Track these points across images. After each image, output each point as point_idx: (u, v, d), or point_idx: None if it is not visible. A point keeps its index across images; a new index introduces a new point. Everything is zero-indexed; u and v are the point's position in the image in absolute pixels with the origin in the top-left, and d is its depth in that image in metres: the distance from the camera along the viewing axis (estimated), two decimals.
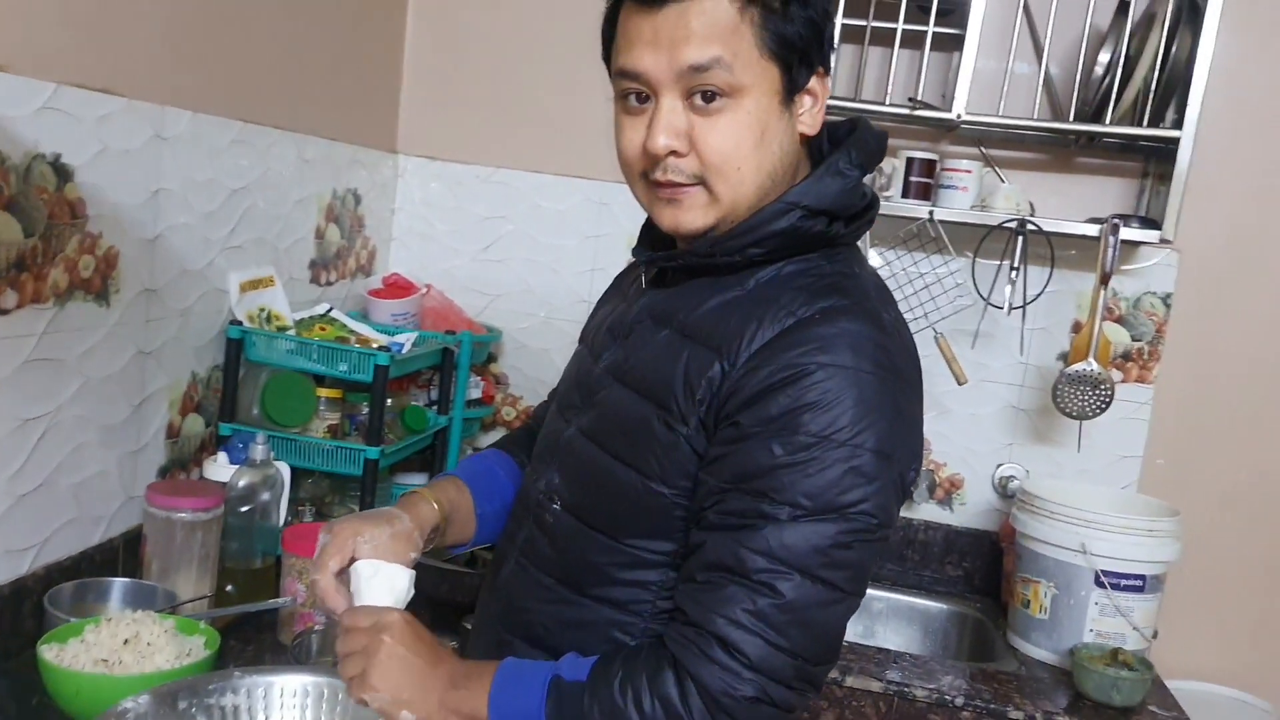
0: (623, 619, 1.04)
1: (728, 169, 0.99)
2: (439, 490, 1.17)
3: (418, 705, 0.98)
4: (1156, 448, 2.27)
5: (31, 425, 1.42)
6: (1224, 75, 2.09)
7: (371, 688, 0.98)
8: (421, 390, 2.28)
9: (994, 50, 2.17)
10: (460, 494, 1.20)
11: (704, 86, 0.97)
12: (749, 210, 1.02)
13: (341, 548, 1.04)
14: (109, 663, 1.27)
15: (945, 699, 1.77)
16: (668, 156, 0.99)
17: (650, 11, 0.97)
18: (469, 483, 1.22)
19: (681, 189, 1.01)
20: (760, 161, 1.00)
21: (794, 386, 0.93)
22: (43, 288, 1.40)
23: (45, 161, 1.37)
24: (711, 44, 0.96)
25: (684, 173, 1.00)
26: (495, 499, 1.23)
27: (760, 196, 1.01)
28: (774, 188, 1.02)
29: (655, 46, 0.97)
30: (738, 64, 0.96)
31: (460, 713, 0.98)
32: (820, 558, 0.93)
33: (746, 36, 0.96)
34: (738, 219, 1.02)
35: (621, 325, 1.12)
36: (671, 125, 0.98)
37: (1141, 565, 1.92)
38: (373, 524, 1.07)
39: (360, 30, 2.24)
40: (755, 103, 0.98)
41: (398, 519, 1.09)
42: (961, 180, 2.13)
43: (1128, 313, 2.25)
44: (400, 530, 1.08)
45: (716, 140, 0.98)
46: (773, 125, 0.99)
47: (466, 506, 1.20)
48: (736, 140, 0.98)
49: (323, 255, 2.17)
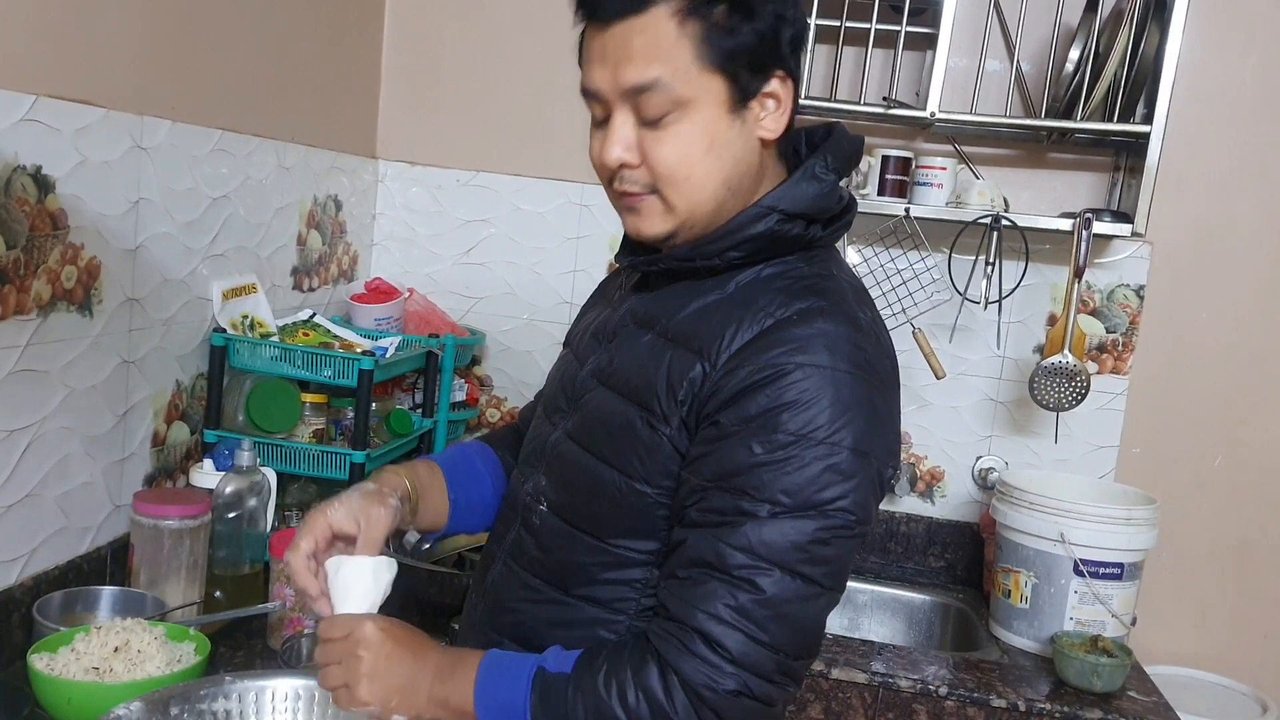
0: (608, 617, 1.06)
1: (677, 179, 1.01)
2: (408, 468, 1.19)
3: (406, 705, 1.00)
4: (1132, 437, 2.31)
5: (17, 436, 1.43)
6: (1191, 70, 2.13)
7: (360, 701, 1.00)
8: (406, 394, 2.29)
9: (966, 49, 2.20)
10: (432, 476, 1.21)
11: (645, 105, 1.00)
12: (709, 216, 1.04)
13: (313, 527, 1.06)
14: (100, 671, 1.28)
15: (930, 689, 1.79)
16: (621, 168, 1.03)
17: (600, 30, 1.00)
18: (444, 468, 1.24)
19: (638, 198, 1.04)
20: (710, 170, 1.02)
21: (772, 386, 0.95)
22: (25, 299, 1.41)
23: (26, 173, 1.38)
24: (651, 64, 0.98)
25: (638, 183, 1.03)
26: (472, 489, 1.25)
27: (718, 203, 1.03)
28: (734, 193, 1.04)
29: (604, 65, 1.00)
30: (678, 81, 0.98)
31: (447, 705, 1.00)
32: (799, 554, 0.95)
33: (687, 51, 0.98)
34: (698, 225, 1.04)
35: (606, 329, 1.14)
36: (622, 139, 1.01)
37: (1119, 553, 1.95)
38: (340, 497, 1.09)
39: (338, 37, 2.24)
40: (701, 114, 1.00)
41: (363, 485, 1.11)
42: (936, 177, 2.16)
43: (1101, 305, 2.29)
44: (367, 491, 1.10)
45: (664, 153, 1.01)
46: (721, 135, 1.01)
47: (439, 489, 1.21)
48: (683, 152, 1.00)
49: (305, 262, 2.18)
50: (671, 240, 1.06)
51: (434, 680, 1.01)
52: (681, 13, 0.97)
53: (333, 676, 1.02)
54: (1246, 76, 2.20)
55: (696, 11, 0.97)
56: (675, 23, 0.97)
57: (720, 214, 1.04)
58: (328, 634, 1.03)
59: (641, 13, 0.98)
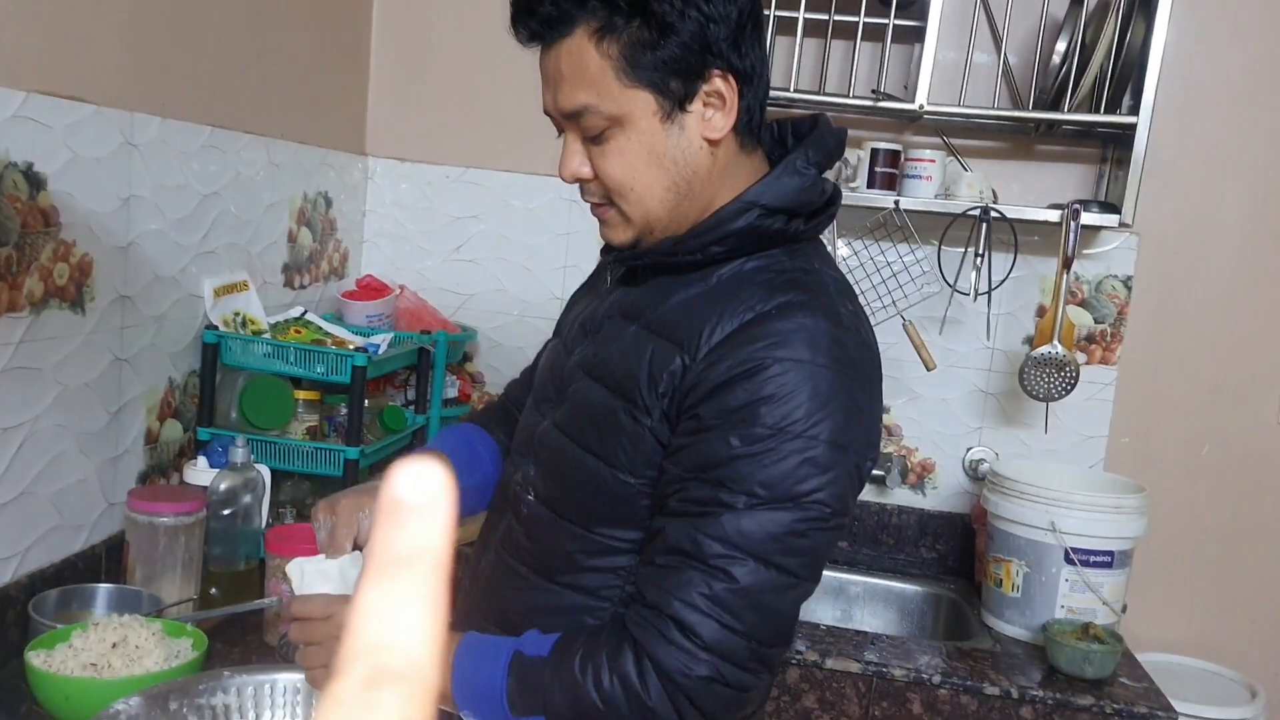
0: (593, 604, 1.08)
1: (625, 191, 1.04)
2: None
3: None
4: (1121, 426, 2.32)
5: (10, 434, 1.42)
6: (1177, 61, 2.15)
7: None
8: (398, 391, 2.29)
9: (954, 41, 2.21)
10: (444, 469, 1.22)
11: (583, 127, 1.02)
12: (666, 221, 1.06)
13: (351, 525, 1.07)
14: (98, 667, 1.28)
15: (923, 678, 1.81)
16: (580, 183, 1.06)
17: (542, 53, 1.04)
18: (451, 457, 1.25)
19: (601, 209, 1.08)
20: (655, 179, 1.03)
21: (752, 380, 0.97)
22: (18, 297, 1.40)
23: (17, 170, 1.38)
24: (578, 90, 1.00)
25: (595, 195, 1.07)
26: (475, 473, 1.26)
27: (670, 208, 1.05)
28: (685, 196, 1.05)
29: (546, 88, 1.05)
30: (606, 101, 1.00)
31: None
32: (775, 545, 0.96)
33: (608, 72, 0.99)
34: (659, 229, 1.06)
35: (593, 321, 1.15)
36: (574, 155, 1.05)
37: (1109, 541, 1.96)
38: (370, 497, 1.11)
39: (326, 33, 2.24)
40: (636, 128, 1.01)
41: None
42: (925, 170, 2.17)
43: (1090, 296, 2.30)
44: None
45: (608, 168, 1.03)
46: (660, 143, 1.02)
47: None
48: (625, 165, 1.03)
49: (295, 259, 2.17)
50: (639, 245, 1.08)
51: None
52: (598, 34, 0.99)
53: (313, 656, 1.03)
54: (1232, 67, 2.22)
55: (611, 31, 0.98)
56: (593, 44, 0.99)
57: (679, 216, 1.06)
58: (305, 613, 1.04)
59: (566, 36, 1.00)
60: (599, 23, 0.98)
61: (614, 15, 0.98)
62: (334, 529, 1.09)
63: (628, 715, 0.96)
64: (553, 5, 0.99)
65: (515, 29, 1.04)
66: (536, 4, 1.00)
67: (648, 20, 0.97)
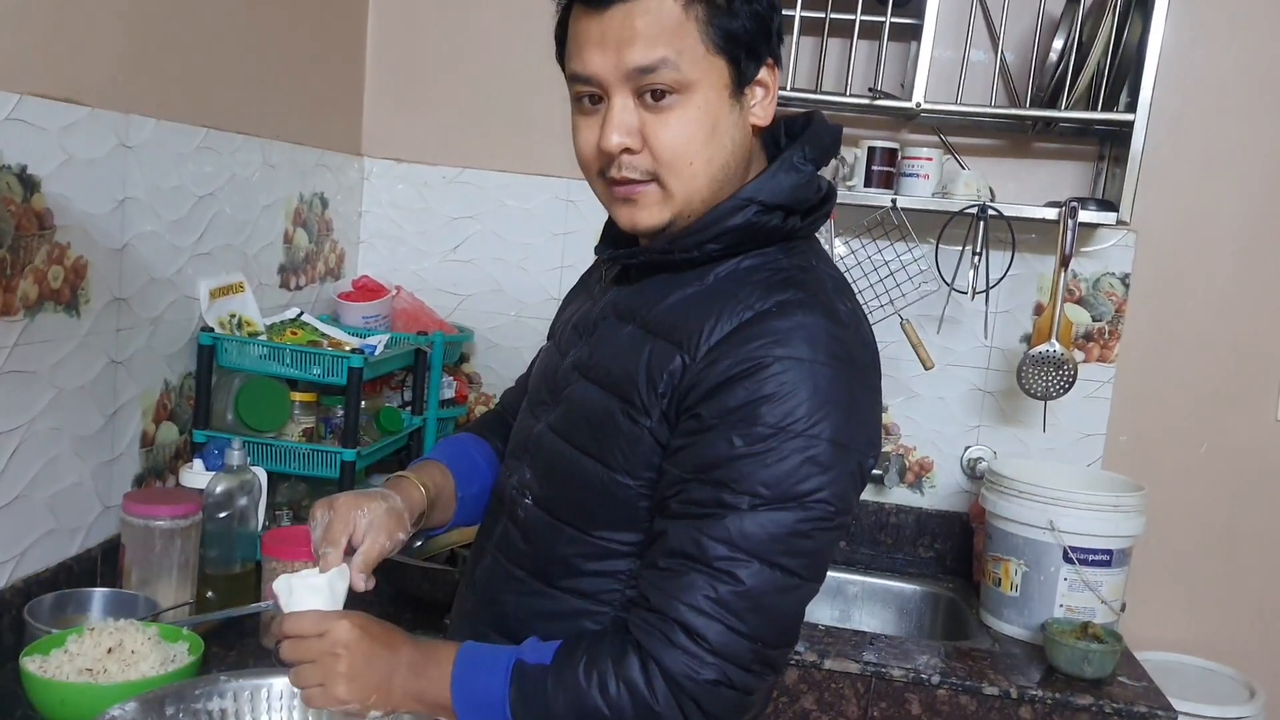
0: (592, 609, 1.07)
1: (680, 164, 1.01)
2: (425, 474, 1.20)
3: (383, 700, 1.01)
4: (1119, 425, 2.32)
5: (6, 438, 1.42)
6: (1174, 59, 2.15)
7: (337, 700, 1.00)
8: (394, 391, 2.28)
9: (950, 39, 2.20)
10: (444, 479, 1.22)
11: (653, 85, 0.99)
12: (703, 204, 1.04)
13: (347, 522, 1.06)
14: (93, 672, 1.27)
15: (922, 678, 1.80)
16: (622, 154, 1.01)
17: (597, 13, 0.99)
18: (451, 467, 1.24)
19: (636, 186, 1.03)
20: (712, 155, 1.02)
21: (751, 379, 0.96)
22: (12, 299, 1.40)
23: (11, 173, 1.37)
24: (657, 45, 0.97)
25: (638, 169, 1.02)
26: (474, 483, 1.26)
27: (714, 190, 1.03)
28: (727, 181, 1.04)
29: (603, 48, 0.99)
30: (684, 61, 0.98)
31: (423, 700, 1.01)
32: (779, 545, 0.95)
33: (692, 33, 0.98)
34: (693, 213, 1.04)
35: (587, 322, 1.14)
36: (624, 124, 1.00)
37: (1108, 540, 1.96)
38: (370, 499, 1.10)
39: (322, 33, 2.23)
40: (705, 97, 1.00)
41: (390, 498, 1.12)
42: (922, 168, 2.16)
43: (1088, 294, 2.30)
44: (394, 508, 1.11)
45: (668, 136, 1.00)
46: (724, 119, 1.01)
47: (449, 490, 1.22)
48: (688, 135, 1.00)
49: (291, 260, 2.17)
50: (669, 229, 1.05)
51: (407, 675, 1.01)
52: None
53: (306, 675, 1.01)
54: (1229, 65, 2.21)
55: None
56: (681, 4, 0.98)
57: (714, 200, 1.04)
58: (297, 630, 1.02)
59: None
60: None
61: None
62: (329, 524, 1.08)
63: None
64: None
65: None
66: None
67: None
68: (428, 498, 1.17)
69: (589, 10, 1.00)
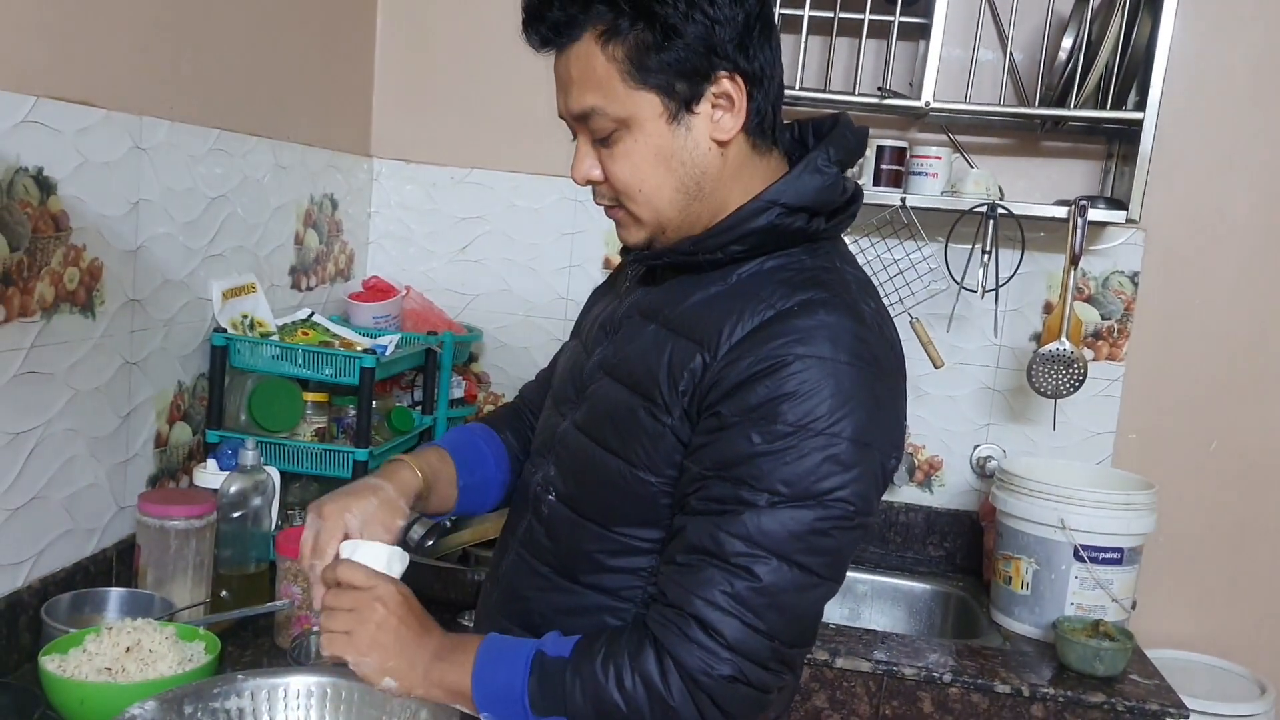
0: (615, 605, 1.08)
1: (634, 194, 1.05)
2: (421, 458, 1.20)
3: (402, 675, 1.01)
4: (1128, 423, 2.32)
5: (22, 439, 1.42)
6: (1183, 57, 2.15)
7: (359, 651, 1.01)
8: (404, 391, 2.29)
9: (959, 39, 2.21)
10: (443, 463, 1.23)
11: (593, 131, 1.03)
12: (678, 221, 1.06)
13: (335, 530, 1.07)
14: (112, 671, 1.28)
15: (934, 676, 1.80)
16: (591, 185, 1.07)
17: (555, 57, 1.05)
18: (452, 453, 1.25)
19: (613, 210, 1.09)
20: (663, 180, 1.04)
21: (773, 377, 0.96)
22: (29, 301, 1.40)
23: (28, 175, 1.38)
24: (586, 93, 1.01)
25: (606, 197, 1.08)
26: (476, 471, 1.26)
27: (680, 209, 1.05)
28: (696, 197, 1.05)
29: (559, 91, 1.06)
30: (612, 104, 1.01)
31: (444, 685, 1.02)
32: (797, 543, 0.96)
33: (614, 74, 1.00)
34: (671, 230, 1.07)
35: (612, 321, 1.15)
36: (584, 160, 1.06)
37: (1119, 538, 1.96)
38: (358, 498, 1.10)
39: (331, 35, 2.24)
40: (643, 130, 1.02)
41: (380, 489, 1.12)
42: (931, 167, 2.17)
43: (1096, 292, 2.30)
44: (385, 499, 1.11)
45: (616, 170, 1.04)
46: (667, 144, 1.02)
47: (449, 476, 1.23)
48: (632, 167, 1.03)
49: (302, 261, 2.17)
50: (652, 246, 1.09)
51: (432, 660, 1.02)
52: (603, 37, 0.99)
53: (339, 621, 1.02)
54: (1238, 63, 2.21)
55: (616, 35, 0.99)
56: (599, 47, 1.00)
57: (690, 217, 1.06)
58: (347, 578, 1.03)
59: (575, 41, 1.01)
60: (604, 26, 0.99)
61: (618, 19, 0.98)
62: (317, 535, 1.08)
63: (649, 715, 0.96)
64: (560, 10, 1.00)
65: (526, 35, 1.04)
66: (545, 9, 1.01)
67: (651, 23, 0.98)
68: (424, 479, 1.17)
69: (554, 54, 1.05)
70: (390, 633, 1.01)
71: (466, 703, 1.01)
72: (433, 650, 1.02)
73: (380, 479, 1.14)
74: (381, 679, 1.02)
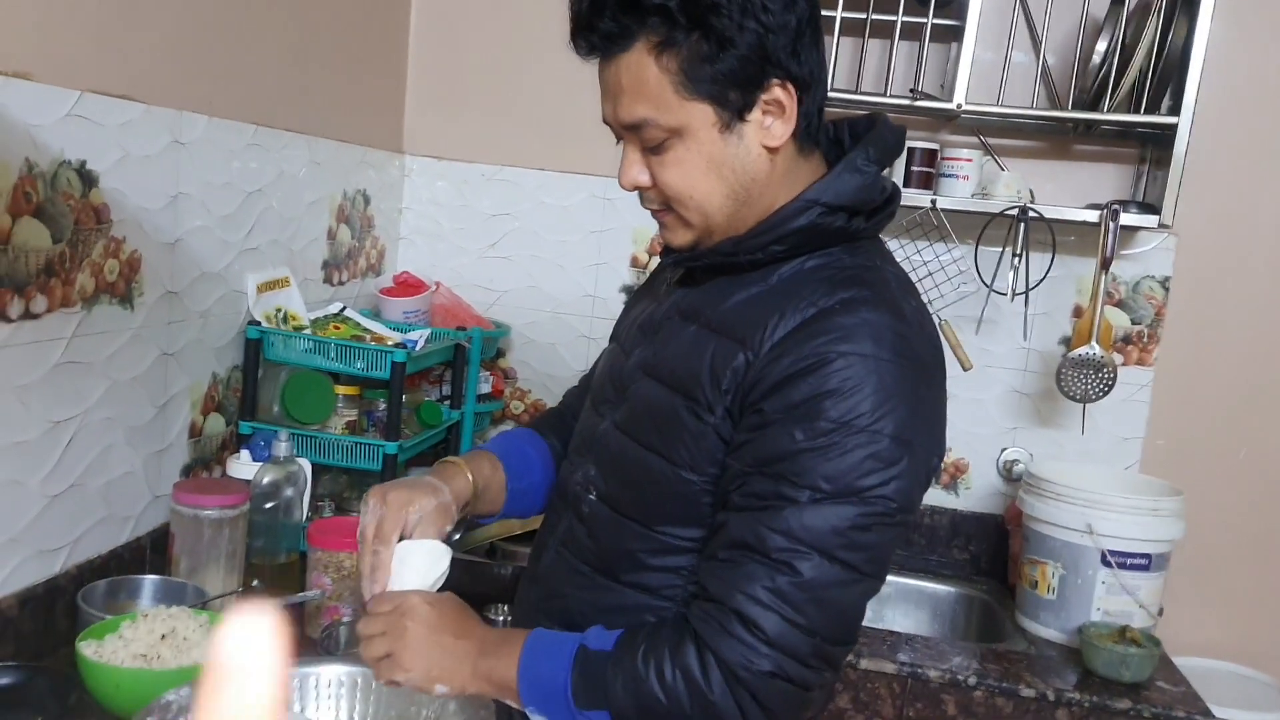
0: (655, 604, 1.08)
1: (684, 199, 1.05)
2: (474, 465, 1.22)
3: (450, 678, 1.04)
4: (1157, 429, 2.31)
5: (62, 427, 1.45)
6: (1219, 61, 2.13)
7: (403, 669, 1.03)
8: (433, 386, 2.31)
9: (992, 41, 2.20)
10: (494, 470, 1.25)
11: (643, 140, 1.04)
12: (725, 226, 1.07)
13: (399, 518, 1.09)
14: (147, 657, 1.30)
15: (958, 679, 1.80)
16: (639, 190, 1.08)
17: (601, 64, 1.04)
18: (503, 460, 1.26)
19: (659, 213, 1.09)
20: (713, 188, 1.04)
21: (815, 374, 0.97)
22: (70, 292, 1.43)
23: (71, 168, 1.40)
24: (637, 103, 1.01)
25: (655, 201, 1.08)
26: (525, 477, 1.28)
27: (730, 213, 1.06)
28: (744, 203, 1.06)
29: (605, 99, 1.06)
30: (665, 114, 1.01)
31: (491, 680, 1.04)
32: (839, 539, 0.96)
33: (666, 86, 1.00)
34: (718, 233, 1.07)
35: (651, 323, 1.16)
36: (631, 167, 1.06)
37: (1147, 544, 1.95)
38: (422, 494, 1.12)
39: (366, 33, 2.26)
40: (695, 139, 1.02)
41: (440, 491, 1.14)
42: (962, 169, 2.16)
43: (1127, 297, 2.29)
44: (443, 503, 1.13)
45: (668, 178, 1.05)
46: (719, 153, 1.03)
47: (499, 482, 1.25)
48: (683, 175, 1.04)
49: (335, 255, 2.20)
50: (698, 247, 1.10)
51: (478, 655, 1.04)
52: (657, 48, 0.99)
53: (376, 647, 1.05)
54: (1274, 68, 2.20)
55: (671, 45, 0.99)
56: (652, 58, 1.00)
57: (738, 221, 1.07)
58: (376, 607, 1.07)
59: (626, 50, 1.00)
60: (658, 38, 0.99)
61: (673, 30, 0.98)
62: (382, 520, 1.10)
63: (689, 709, 0.96)
64: (613, 20, 0.99)
65: (575, 43, 1.04)
66: (597, 19, 1.00)
67: (706, 34, 0.98)
68: (474, 487, 1.19)
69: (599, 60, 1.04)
70: (425, 643, 1.03)
71: (513, 696, 1.03)
72: (477, 647, 1.04)
73: (440, 481, 1.16)
74: (433, 686, 1.04)
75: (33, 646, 1.42)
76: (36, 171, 1.34)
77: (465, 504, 1.18)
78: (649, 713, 0.97)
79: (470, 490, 1.19)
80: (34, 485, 1.41)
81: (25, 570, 1.42)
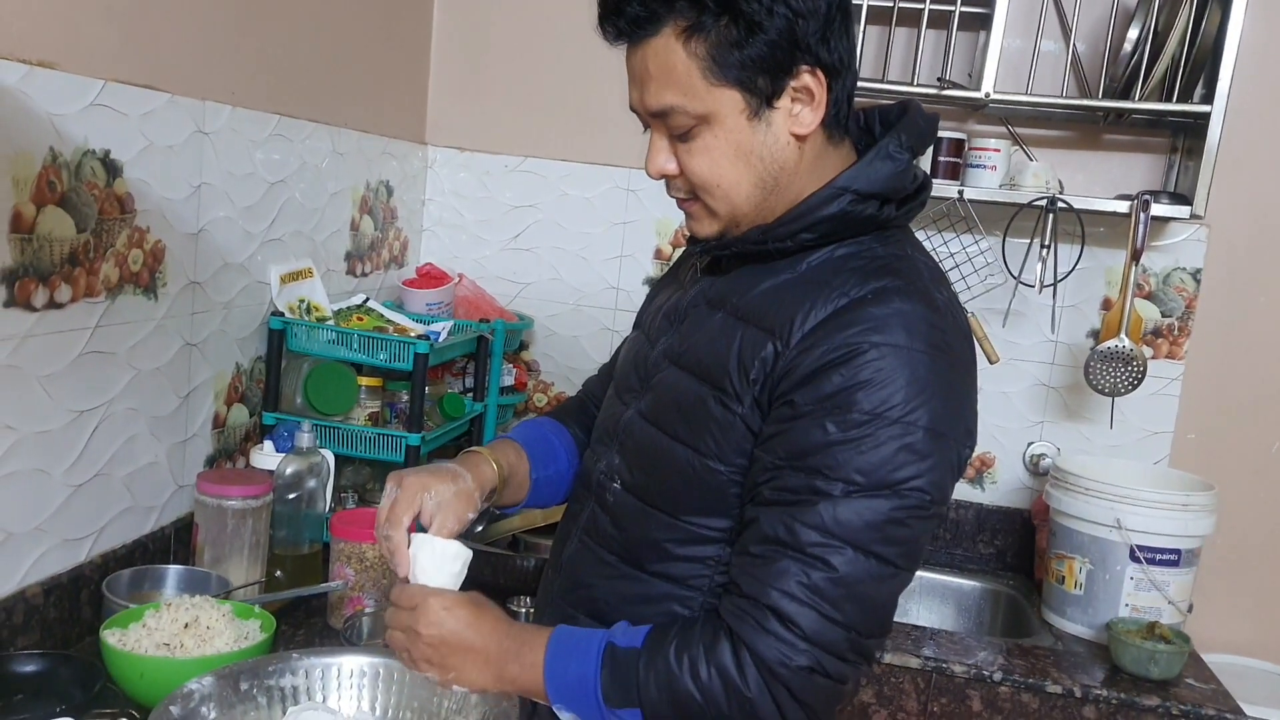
0: (682, 593, 1.07)
1: (711, 188, 1.04)
2: (499, 452, 1.21)
3: (468, 681, 1.04)
4: (1187, 423, 2.28)
5: (86, 417, 1.45)
6: (1253, 49, 2.09)
7: (418, 668, 1.05)
8: (455, 378, 2.30)
9: (1021, 29, 2.17)
10: (519, 459, 1.24)
11: (671, 127, 1.03)
12: (752, 215, 1.06)
13: (412, 503, 1.08)
14: (171, 646, 1.30)
15: (983, 674, 1.78)
16: (665, 178, 1.07)
17: (629, 50, 1.03)
18: (527, 448, 1.26)
19: (686, 203, 1.08)
20: (741, 176, 1.03)
21: (848, 365, 0.95)
22: (94, 282, 1.43)
23: (95, 157, 1.40)
24: (665, 90, 1.00)
25: (681, 190, 1.07)
26: (549, 465, 1.27)
27: (757, 202, 1.05)
28: (772, 191, 1.04)
29: (633, 86, 1.05)
30: (693, 101, 1.00)
31: (517, 683, 1.03)
32: (873, 533, 0.95)
33: (695, 72, 0.99)
34: (745, 222, 1.06)
35: (677, 311, 1.15)
36: (658, 155, 1.05)
37: (1176, 539, 1.92)
38: (439, 480, 1.11)
39: (389, 23, 2.25)
40: (723, 126, 1.01)
41: (461, 477, 1.13)
42: (990, 159, 2.14)
43: (1157, 289, 2.26)
44: (463, 489, 1.12)
45: (695, 166, 1.03)
46: (747, 140, 1.02)
47: (523, 471, 1.24)
48: (712, 163, 1.03)
49: (358, 247, 2.19)
50: (725, 237, 1.08)
51: (500, 660, 1.03)
52: (686, 33, 0.98)
53: (397, 641, 1.07)
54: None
55: (699, 30, 0.97)
56: (681, 43, 0.98)
57: (765, 210, 1.05)
58: (398, 600, 1.07)
59: (653, 36, 0.99)
60: (687, 22, 0.97)
61: (702, 15, 0.97)
62: (394, 504, 1.09)
63: (725, 707, 0.95)
64: (641, 5, 0.98)
65: (602, 28, 1.03)
66: (624, 4, 0.99)
67: (735, 19, 0.96)
68: (500, 475, 1.18)
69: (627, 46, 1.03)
70: (434, 648, 1.04)
71: (541, 697, 1.02)
72: (497, 650, 1.03)
73: (463, 468, 1.15)
74: (449, 685, 1.05)
75: (58, 635, 1.43)
76: (61, 161, 1.34)
77: (491, 491, 1.17)
78: (684, 711, 0.96)
79: (496, 477, 1.18)
80: (58, 475, 1.42)
81: (50, 559, 1.43)
